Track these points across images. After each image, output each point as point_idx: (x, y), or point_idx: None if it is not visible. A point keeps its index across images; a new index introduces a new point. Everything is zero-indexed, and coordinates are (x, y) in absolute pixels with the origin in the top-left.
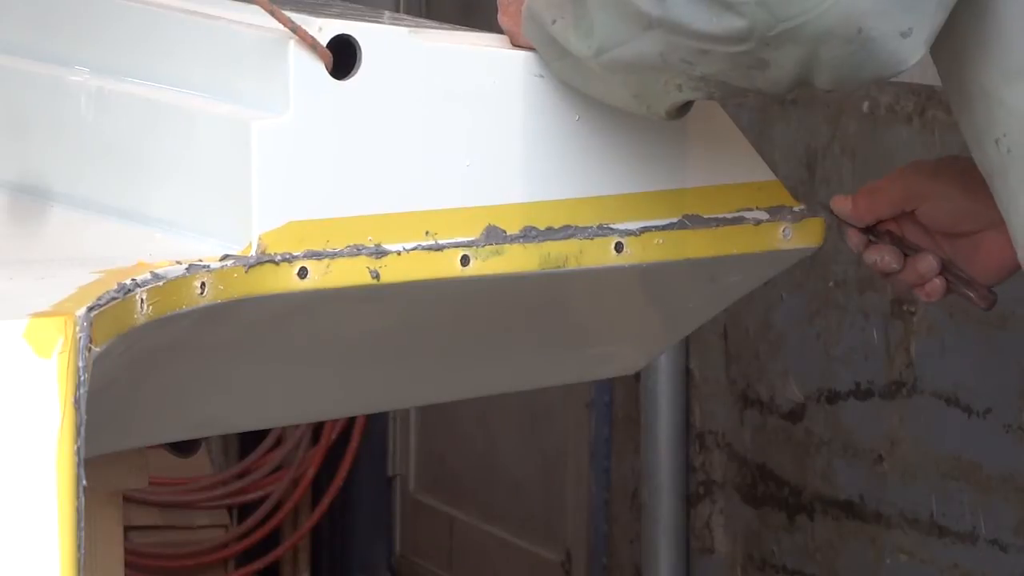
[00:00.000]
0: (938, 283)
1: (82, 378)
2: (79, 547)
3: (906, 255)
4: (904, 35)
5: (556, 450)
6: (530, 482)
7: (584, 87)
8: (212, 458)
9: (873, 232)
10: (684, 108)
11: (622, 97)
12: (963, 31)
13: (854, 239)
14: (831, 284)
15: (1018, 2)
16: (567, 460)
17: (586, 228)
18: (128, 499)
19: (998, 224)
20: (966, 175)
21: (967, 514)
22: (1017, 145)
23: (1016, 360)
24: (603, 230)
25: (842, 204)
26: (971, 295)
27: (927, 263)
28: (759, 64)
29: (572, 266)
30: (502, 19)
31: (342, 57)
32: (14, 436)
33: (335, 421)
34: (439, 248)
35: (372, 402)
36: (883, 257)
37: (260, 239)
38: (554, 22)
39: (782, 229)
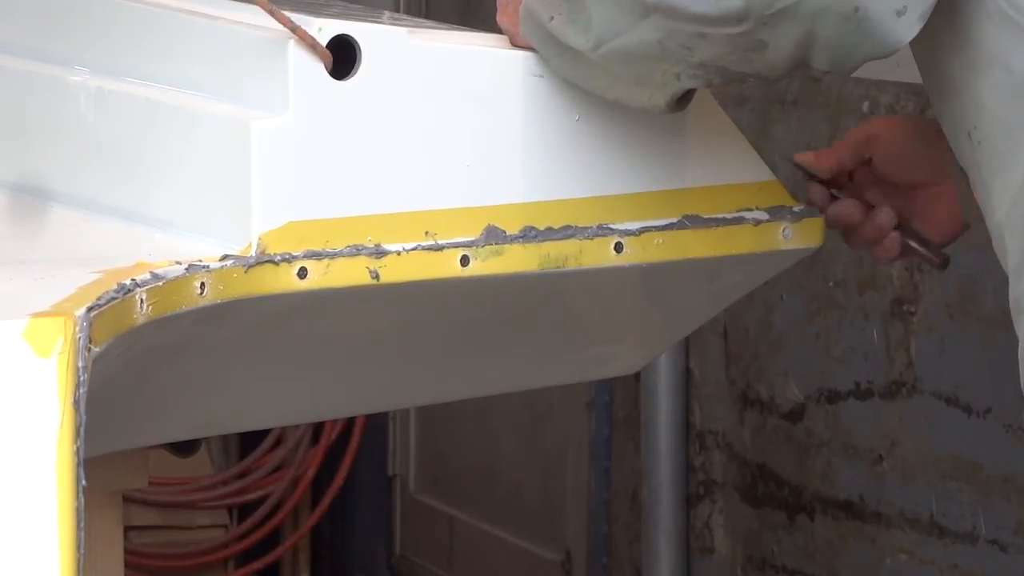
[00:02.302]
0: (895, 237)
1: (82, 378)
2: (79, 547)
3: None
4: (899, 13)
5: (556, 450)
6: (530, 482)
7: (585, 82)
8: (212, 458)
9: (835, 187)
10: (684, 100)
11: (622, 89)
12: (935, 25)
13: (817, 194)
14: (831, 284)
15: None
16: (567, 460)
17: (586, 228)
18: (128, 499)
19: (949, 177)
20: (922, 125)
21: (967, 514)
22: (986, 137)
23: (1016, 360)
24: (603, 230)
25: (805, 156)
26: (926, 253)
27: (885, 215)
28: (757, 46)
29: (572, 266)
30: (501, 19)
31: (342, 57)
32: (14, 436)
33: (335, 421)
34: (439, 248)
35: (372, 402)
36: (847, 209)
37: (260, 239)
38: (551, 19)
39: (782, 229)
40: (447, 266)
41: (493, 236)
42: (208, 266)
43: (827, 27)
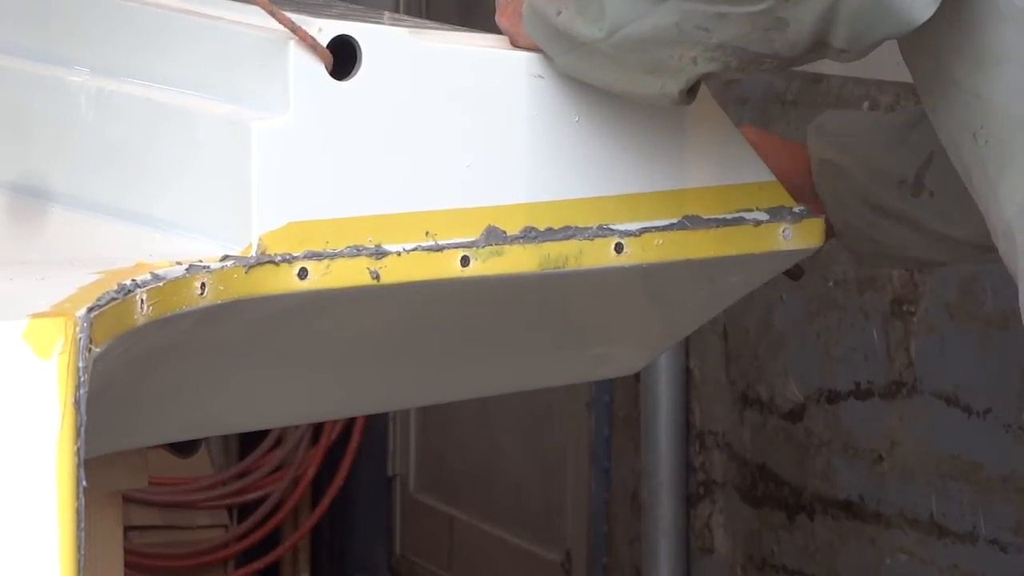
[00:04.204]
0: None
1: (82, 379)
2: (79, 547)
3: None
4: None
5: (556, 450)
6: (530, 482)
7: (592, 77)
8: (212, 458)
9: None
10: (692, 92)
11: (633, 80)
12: (935, 26)
13: None
14: (831, 284)
15: None
16: (567, 460)
17: (586, 229)
18: (128, 499)
19: (805, 201)
20: (790, 152)
21: (967, 514)
22: (994, 135)
23: (1016, 360)
24: (603, 231)
25: None
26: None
27: None
28: (778, 24)
29: (572, 267)
30: (500, 20)
31: (342, 57)
32: (14, 436)
33: (335, 421)
34: (439, 249)
35: (372, 402)
36: None
37: (260, 240)
38: (559, 13)
39: (782, 230)
40: (447, 266)
41: (493, 236)
42: (208, 266)
43: (849, 2)
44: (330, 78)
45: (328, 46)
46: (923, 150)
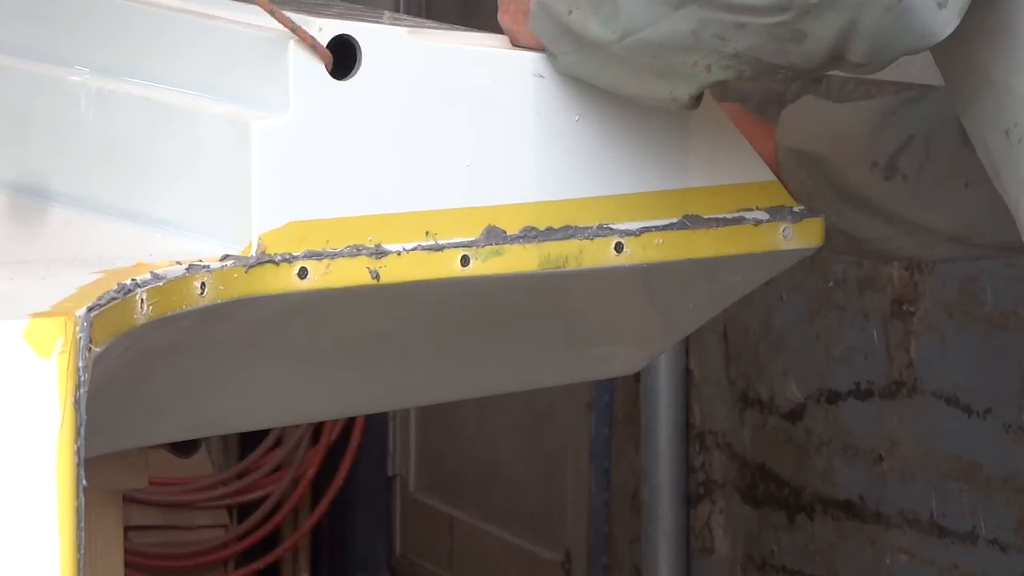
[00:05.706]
0: None
1: (82, 378)
2: (79, 547)
3: None
4: (940, 6)
5: (556, 450)
6: (530, 482)
7: (600, 78)
8: (212, 458)
9: None
10: (700, 96)
11: (643, 83)
12: (970, 21)
13: None
14: (831, 284)
15: None
16: (567, 460)
17: (586, 228)
18: (128, 499)
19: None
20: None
21: (967, 514)
22: None
23: (1016, 360)
24: (603, 230)
25: None
26: None
27: None
28: (796, 36)
29: (572, 266)
30: (502, 18)
31: (342, 57)
32: (14, 436)
33: (335, 421)
34: (439, 248)
35: (372, 402)
36: None
37: (260, 239)
38: (570, 12)
39: (782, 229)
40: (447, 266)
41: (493, 236)
42: (208, 266)
43: (869, 18)
44: (330, 78)
45: (328, 46)
46: (901, 135)
